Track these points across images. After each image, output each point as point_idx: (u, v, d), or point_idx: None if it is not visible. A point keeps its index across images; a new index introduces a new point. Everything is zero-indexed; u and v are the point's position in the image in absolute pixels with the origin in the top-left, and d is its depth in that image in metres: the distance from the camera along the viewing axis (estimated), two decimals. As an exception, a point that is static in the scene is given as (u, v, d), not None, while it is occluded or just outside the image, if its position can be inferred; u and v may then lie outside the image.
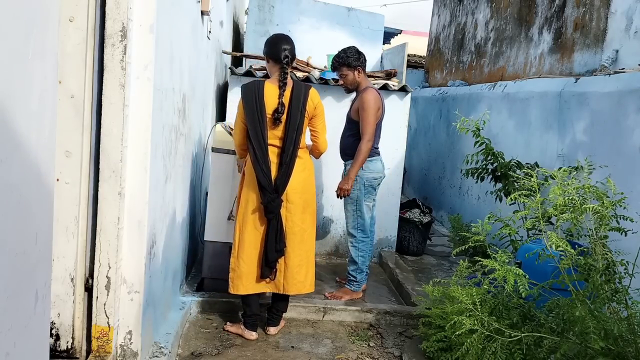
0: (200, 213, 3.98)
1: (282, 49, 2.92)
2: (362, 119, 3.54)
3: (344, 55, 3.63)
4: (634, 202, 2.86)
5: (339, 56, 3.66)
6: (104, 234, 2.14)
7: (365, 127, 3.52)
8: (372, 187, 3.70)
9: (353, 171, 3.53)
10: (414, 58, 9.69)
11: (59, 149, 1.99)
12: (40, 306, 1.16)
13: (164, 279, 2.83)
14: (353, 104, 3.71)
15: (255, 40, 6.07)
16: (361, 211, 3.68)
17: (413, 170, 7.72)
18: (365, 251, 3.75)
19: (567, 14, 4.70)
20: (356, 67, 3.62)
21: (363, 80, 3.67)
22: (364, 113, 3.53)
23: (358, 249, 3.72)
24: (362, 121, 3.54)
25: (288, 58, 2.93)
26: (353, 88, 3.71)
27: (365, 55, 3.71)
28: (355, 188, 3.63)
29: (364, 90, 3.62)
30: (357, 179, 3.63)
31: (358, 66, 3.62)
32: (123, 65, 2.06)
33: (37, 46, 1.06)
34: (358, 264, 3.73)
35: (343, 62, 3.63)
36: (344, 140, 3.75)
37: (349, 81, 3.67)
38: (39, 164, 1.11)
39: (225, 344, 2.98)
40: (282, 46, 2.93)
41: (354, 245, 3.73)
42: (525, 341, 2.37)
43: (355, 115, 3.62)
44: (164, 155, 2.60)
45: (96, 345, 2.19)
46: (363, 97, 3.57)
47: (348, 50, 3.66)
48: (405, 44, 5.60)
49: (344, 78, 3.68)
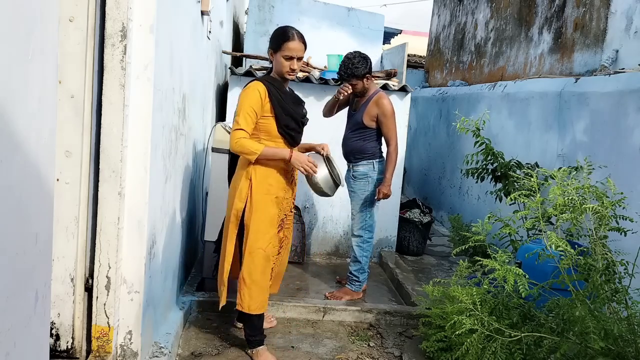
0: (200, 213, 3.98)
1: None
2: (385, 126, 3.59)
3: (352, 66, 3.51)
4: (634, 202, 2.86)
5: (347, 67, 3.53)
6: (104, 234, 2.14)
7: (391, 133, 3.60)
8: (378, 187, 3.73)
9: (390, 176, 3.61)
10: (414, 58, 9.69)
11: (59, 149, 1.99)
12: (40, 306, 1.16)
13: (164, 279, 2.83)
14: (363, 108, 3.66)
15: (255, 40, 6.07)
16: (371, 212, 3.70)
17: (413, 170, 7.72)
18: (369, 251, 3.76)
19: (567, 14, 4.70)
20: (365, 75, 3.56)
21: (372, 85, 3.67)
22: (386, 120, 3.57)
23: (363, 249, 3.73)
24: (385, 128, 3.59)
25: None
26: (364, 94, 3.68)
27: (370, 59, 3.65)
28: (367, 189, 3.65)
29: (375, 94, 3.62)
30: (368, 180, 3.66)
31: (367, 74, 3.56)
32: (123, 65, 2.06)
33: (37, 46, 1.06)
34: (362, 263, 3.73)
35: (352, 73, 3.53)
36: (352, 142, 3.72)
37: (359, 89, 3.62)
38: (38, 164, 1.11)
39: (225, 344, 2.98)
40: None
41: (359, 245, 3.73)
42: (525, 341, 2.37)
43: (369, 121, 3.61)
44: (164, 155, 2.60)
45: (96, 345, 2.19)
46: (380, 103, 3.57)
47: (354, 59, 3.53)
48: (405, 44, 5.60)
49: (354, 87, 3.59)
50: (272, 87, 2.64)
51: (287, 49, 2.60)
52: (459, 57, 7.39)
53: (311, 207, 4.79)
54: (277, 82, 2.69)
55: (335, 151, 4.26)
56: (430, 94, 7.42)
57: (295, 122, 2.73)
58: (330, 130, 4.31)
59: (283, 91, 2.70)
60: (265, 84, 2.63)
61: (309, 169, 2.70)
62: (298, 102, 2.83)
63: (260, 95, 2.59)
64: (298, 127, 2.77)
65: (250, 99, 2.58)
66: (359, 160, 3.68)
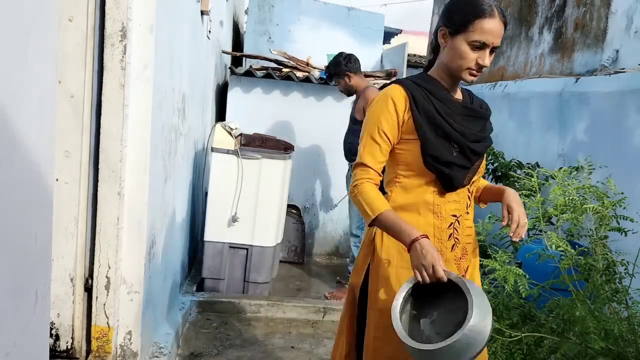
0: (200, 213, 3.98)
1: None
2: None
3: (331, 67, 3.78)
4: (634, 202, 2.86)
5: (327, 68, 3.83)
6: (104, 234, 2.14)
7: None
8: None
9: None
10: (414, 58, 9.68)
11: (59, 148, 1.99)
12: (40, 306, 1.16)
13: (164, 279, 2.83)
14: (355, 105, 3.73)
15: (255, 40, 6.06)
16: None
17: (413, 170, 7.71)
18: None
19: (568, 14, 4.70)
20: (344, 73, 3.70)
21: (359, 82, 3.72)
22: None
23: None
24: None
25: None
26: (351, 92, 3.78)
27: (356, 57, 3.75)
28: None
29: (365, 90, 3.65)
30: None
31: (346, 72, 3.70)
32: (123, 65, 2.06)
33: (37, 46, 1.06)
34: None
35: (331, 72, 3.78)
36: (350, 141, 3.75)
37: (343, 87, 3.80)
38: (38, 164, 1.11)
39: (225, 344, 2.98)
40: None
41: (357, 246, 3.74)
42: (525, 341, 2.37)
43: (360, 114, 3.65)
44: (164, 155, 2.60)
45: (96, 345, 2.18)
46: (366, 95, 3.61)
47: (334, 60, 3.78)
48: (405, 44, 5.60)
49: (338, 86, 3.85)
50: (419, 92, 1.62)
51: (479, 31, 1.53)
52: (459, 57, 7.38)
53: (311, 207, 4.78)
54: (433, 83, 1.66)
55: (336, 151, 4.27)
56: (430, 94, 7.40)
57: (459, 150, 1.61)
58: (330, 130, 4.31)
59: (441, 98, 1.63)
60: (407, 87, 1.62)
61: (425, 276, 1.44)
62: (474, 115, 1.69)
63: (395, 106, 1.60)
64: (462, 159, 1.62)
65: (379, 113, 1.62)
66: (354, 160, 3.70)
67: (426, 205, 1.64)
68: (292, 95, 4.63)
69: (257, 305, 3.40)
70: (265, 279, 3.59)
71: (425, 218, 1.64)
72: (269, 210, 3.53)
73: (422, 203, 1.64)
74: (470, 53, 1.56)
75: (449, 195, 1.64)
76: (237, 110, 4.53)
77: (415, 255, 1.46)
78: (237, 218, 3.44)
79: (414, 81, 1.66)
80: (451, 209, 1.66)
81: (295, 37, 6.03)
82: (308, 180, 4.71)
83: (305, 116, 4.64)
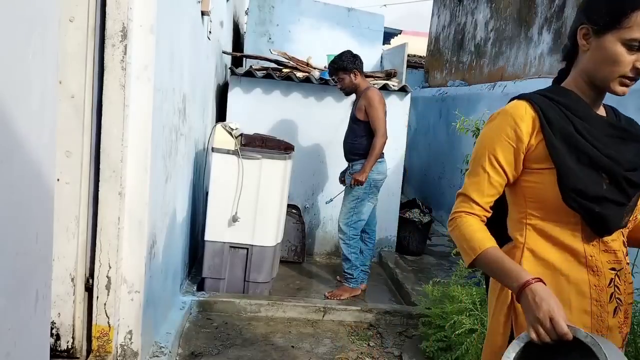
0: (200, 213, 3.98)
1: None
2: (372, 116, 3.62)
3: (339, 60, 3.73)
4: (634, 202, 2.86)
5: (334, 62, 3.75)
6: (104, 234, 2.14)
7: (377, 122, 3.61)
8: (377, 187, 3.78)
9: (369, 165, 3.61)
10: (414, 58, 9.69)
11: (59, 149, 1.99)
12: (41, 306, 1.16)
13: (164, 279, 2.83)
14: (356, 105, 3.75)
15: (255, 41, 6.07)
16: (359, 209, 3.73)
17: (413, 170, 7.72)
18: (357, 247, 3.79)
19: (567, 14, 4.70)
20: (352, 70, 3.69)
21: (362, 82, 3.75)
22: (372, 110, 3.62)
23: (350, 245, 3.76)
24: (372, 118, 3.62)
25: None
26: (352, 91, 3.79)
27: (361, 58, 3.79)
28: (360, 187, 3.68)
29: (366, 89, 3.68)
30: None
31: (354, 69, 3.70)
32: (123, 65, 2.07)
33: (37, 46, 1.06)
34: (352, 261, 3.76)
35: (338, 66, 3.72)
36: (351, 141, 3.78)
37: (346, 84, 3.76)
38: (39, 164, 1.11)
39: (226, 344, 2.98)
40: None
41: (346, 243, 3.77)
42: (525, 341, 2.36)
43: (361, 114, 3.67)
44: (164, 155, 2.60)
45: (96, 345, 2.19)
46: (368, 95, 3.64)
47: (343, 55, 3.75)
48: (405, 44, 5.60)
49: (341, 82, 3.77)
50: (552, 109, 1.28)
51: (638, 26, 1.18)
52: (458, 57, 7.39)
53: (311, 207, 4.79)
54: (570, 97, 1.31)
55: (336, 151, 4.28)
56: (430, 94, 7.42)
57: (609, 181, 1.25)
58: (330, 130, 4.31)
59: (583, 115, 1.28)
60: (535, 103, 1.30)
61: (542, 333, 1.11)
62: (624, 136, 1.31)
63: (517, 127, 1.29)
64: (615, 193, 1.24)
65: (493, 137, 1.32)
66: (355, 160, 3.75)
67: (577, 258, 1.26)
68: (292, 95, 4.64)
69: (257, 305, 3.40)
70: (266, 278, 3.60)
71: (578, 274, 1.26)
72: (269, 210, 3.54)
73: (570, 254, 1.27)
74: (625, 55, 1.20)
75: (602, 242, 1.27)
76: (237, 110, 4.54)
77: (527, 306, 1.14)
78: (237, 218, 3.45)
79: (544, 95, 1.32)
80: (609, 260, 1.28)
81: (295, 37, 6.03)
82: (308, 180, 4.72)
83: (305, 116, 4.64)
